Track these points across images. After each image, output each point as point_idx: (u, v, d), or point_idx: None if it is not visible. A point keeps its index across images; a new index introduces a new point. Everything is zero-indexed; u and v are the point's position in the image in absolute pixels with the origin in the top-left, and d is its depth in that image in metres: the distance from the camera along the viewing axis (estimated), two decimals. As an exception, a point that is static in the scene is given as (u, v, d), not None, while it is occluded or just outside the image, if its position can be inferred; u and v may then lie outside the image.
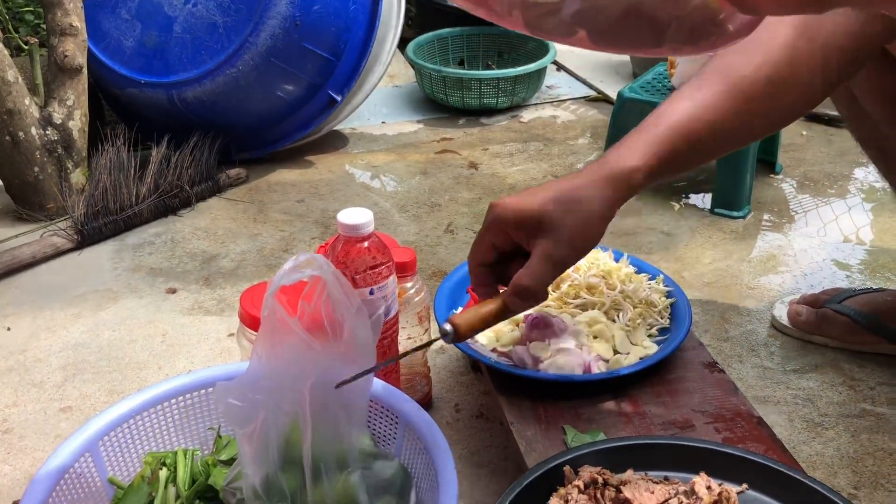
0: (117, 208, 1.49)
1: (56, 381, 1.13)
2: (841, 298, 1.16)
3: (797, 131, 1.85)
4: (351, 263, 0.84)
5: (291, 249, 1.46)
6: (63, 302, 1.31)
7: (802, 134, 1.85)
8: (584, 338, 0.95)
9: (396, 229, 1.51)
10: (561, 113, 2.03)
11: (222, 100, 1.64)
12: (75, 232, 1.46)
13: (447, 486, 0.74)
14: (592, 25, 0.47)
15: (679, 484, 0.76)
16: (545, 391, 0.92)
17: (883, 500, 0.91)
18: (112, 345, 1.21)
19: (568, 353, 0.92)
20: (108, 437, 0.82)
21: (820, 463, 0.97)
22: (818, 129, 1.87)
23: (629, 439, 0.81)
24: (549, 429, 0.88)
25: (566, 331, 0.95)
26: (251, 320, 0.93)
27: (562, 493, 0.74)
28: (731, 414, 0.89)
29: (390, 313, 0.89)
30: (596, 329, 0.97)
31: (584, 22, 0.47)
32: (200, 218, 1.58)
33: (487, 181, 1.69)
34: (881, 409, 1.05)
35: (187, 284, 1.36)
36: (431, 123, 2.00)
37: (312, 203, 1.62)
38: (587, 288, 1.02)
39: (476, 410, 1.05)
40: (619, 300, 1.01)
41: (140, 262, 1.43)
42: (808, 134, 1.85)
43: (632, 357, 0.94)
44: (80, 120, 1.56)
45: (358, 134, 1.94)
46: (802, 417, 1.04)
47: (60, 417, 1.06)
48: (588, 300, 1.01)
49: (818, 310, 1.16)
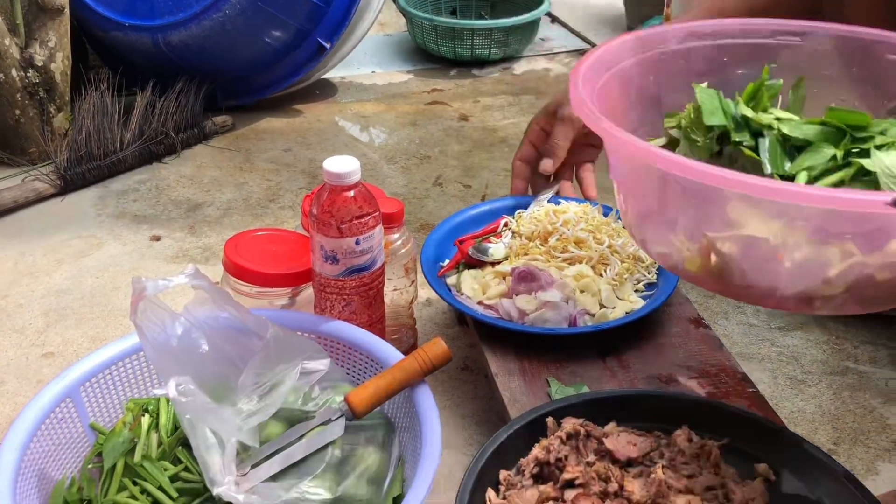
0: (101, 154, 1.47)
1: (38, 327, 1.12)
2: None
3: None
4: (336, 213, 0.83)
5: (278, 199, 1.44)
6: (45, 248, 1.30)
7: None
8: (570, 292, 0.95)
9: (385, 181, 1.50)
10: (554, 66, 2.01)
11: (209, 45, 1.60)
12: (58, 177, 1.44)
13: (431, 436, 0.74)
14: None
15: (661, 437, 0.76)
16: (530, 344, 0.92)
17: (862, 456, 0.92)
18: (95, 291, 1.20)
19: (554, 306, 0.92)
20: (89, 383, 0.81)
21: (801, 419, 0.97)
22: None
23: (612, 392, 0.81)
24: (534, 381, 0.88)
25: (552, 284, 0.94)
26: (236, 269, 0.92)
27: (544, 443, 0.74)
28: (716, 369, 0.89)
29: (376, 264, 0.88)
30: (583, 283, 0.96)
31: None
32: (186, 165, 1.55)
33: (478, 134, 1.67)
34: (864, 368, 1.05)
35: (172, 232, 1.34)
36: (422, 74, 1.97)
37: (300, 152, 1.60)
38: (575, 242, 1.02)
39: (461, 363, 1.05)
40: (606, 255, 1.00)
41: (124, 208, 1.41)
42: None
43: (618, 311, 0.94)
44: (63, 63, 1.52)
45: (347, 83, 1.91)
46: (786, 374, 1.04)
47: (42, 363, 1.06)
48: (576, 254, 1.01)
49: None
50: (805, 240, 0.57)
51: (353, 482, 0.74)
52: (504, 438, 0.74)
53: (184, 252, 1.29)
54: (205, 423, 0.72)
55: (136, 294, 0.72)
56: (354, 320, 0.89)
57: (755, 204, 0.57)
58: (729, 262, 0.61)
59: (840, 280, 0.58)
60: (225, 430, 0.73)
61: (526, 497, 0.69)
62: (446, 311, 1.15)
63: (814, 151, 0.64)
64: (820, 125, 0.66)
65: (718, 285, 0.64)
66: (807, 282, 0.59)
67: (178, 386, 0.72)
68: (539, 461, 0.73)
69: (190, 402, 0.72)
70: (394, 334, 1.02)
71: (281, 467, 0.75)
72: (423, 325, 1.11)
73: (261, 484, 0.73)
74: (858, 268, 0.57)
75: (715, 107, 0.67)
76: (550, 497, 0.69)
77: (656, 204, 0.65)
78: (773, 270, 0.59)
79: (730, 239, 0.59)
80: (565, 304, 0.93)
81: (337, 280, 0.86)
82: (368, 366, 0.86)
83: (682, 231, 0.63)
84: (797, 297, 0.60)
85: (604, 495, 0.68)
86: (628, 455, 0.73)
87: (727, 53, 0.78)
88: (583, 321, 0.93)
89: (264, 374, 0.77)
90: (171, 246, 1.31)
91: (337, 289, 0.87)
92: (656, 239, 0.67)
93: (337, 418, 0.77)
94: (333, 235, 0.83)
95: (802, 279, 0.59)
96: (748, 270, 0.61)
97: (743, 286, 0.62)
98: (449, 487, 0.87)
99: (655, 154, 0.58)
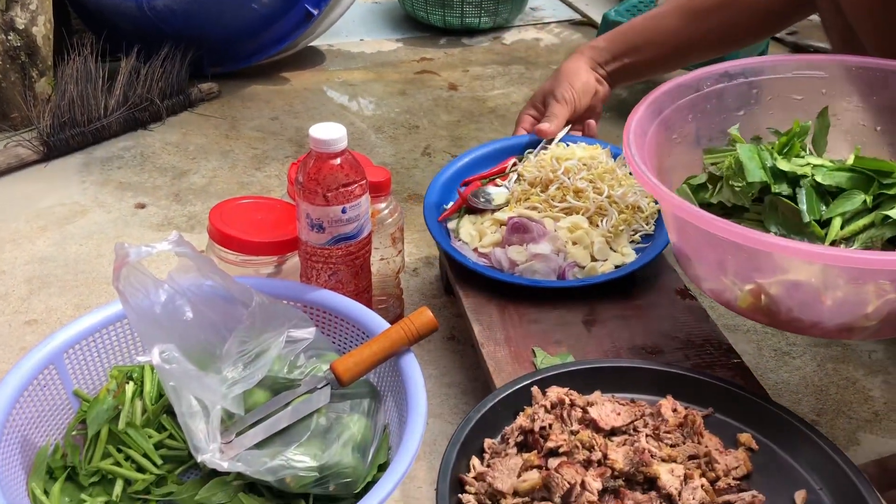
0: (85, 120, 1.45)
1: (21, 294, 1.11)
2: None
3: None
4: (322, 180, 0.82)
5: (264, 167, 1.43)
6: (29, 214, 1.28)
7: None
8: (562, 245, 0.95)
9: (372, 150, 1.48)
10: (544, 36, 1.99)
11: (194, 9, 1.57)
12: (41, 143, 1.42)
13: (416, 405, 0.74)
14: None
15: (645, 406, 0.76)
16: (518, 296, 0.92)
17: (844, 427, 0.93)
18: (79, 259, 1.19)
19: (544, 258, 0.93)
20: (73, 350, 0.81)
21: (785, 390, 0.98)
22: (780, 50, 1.84)
23: (597, 362, 0.81)
24: (519, 351, 0.88)
25: (545, 236, 0.95)
26: (221, 237, 0.92)
27: (529, 412, 0.75)
28: (701, 340, 0.89)
29: (363, 233, 0.87)
30: (576, 235, 0.96)
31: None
32: (171, 133, 1.53)
33: (467, 104, 1.66)
34: (847, 340, 1.06)
35: (157, 200, 1.33)
36: (411, 42, 1.94)
37: (287, 120, 1.58)
38: (574, 192, 1.01)
39: (448, 332, 1.05)
40: (604, 205, 0.99)
41: (109, 176, 1.40)
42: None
43: (608, 265, 0.94)
44: (45, 26, 1.49)
45: (335, 51, 1.89)
46: (771, 346, 1.05)
47: (26, 330, 1.05)
48: (573, 205, 1.00)
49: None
50: (843, 282, 0.65)
51: (338, 450, 0.74)
52: (489, 407, 0.74)
53: (169, 220, 1.28)
54: (189, 391, 0.72)
55: (119, 260, 0.71)
56: (341, 289, 0.88)
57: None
58: (777, 301, 0.68)
59: (876, 314, 0.66)
60: (209, 397, 0.73)
61: (510, 465, 0.69)
62: (433, 281, 1.14)
63: (845, 198, 0.72)
64: (849, 171, 0.74)
65: (767, 319, 0.71)
66: (847, 316, 0.67)
67: (161, 353, 0.72)
68: (523, 429, 0.73)
69: (174, 369, 0.72)
70: (381, 304, 1.02)
71: (266, 435, 0.75)
72: (410, 295, 1.10)
73: (245, 451, 0.73)
74: (892, 303, 0.65)
75: (755, 164, 0.75)
76: (534, 465, 0.69)
77: (708, 251, 0.73)
78: (816, 308, 0.67)
79: (776, 283, 0.67)
80: (555, 256, 0.94)
81: (323, 249, 0.86)
82: (354, 335, 0.86)
83: (732, 274, 0.70)
84: (839, 328, 0.68)
85: (587, 463, 0.68)
86: (612, 424, 0.73)
87: (757, 88, 0.87)
88: (572, 274, 0.93)
89: (249, 342, 0.77)
90: (156, 214, 1.29)
91: (323, 257, 0.87)
92: (709, 278, 0.74)
93: (322, 386, 0.76)
94: (319, 203, 0.83)
95: (842, 315, 0.67)
96: (794, 308, 0.68)
97: (789, 320, 0.69)
98: (434, 455, 0.87)
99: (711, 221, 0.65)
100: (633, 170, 0.73)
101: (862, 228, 0.71)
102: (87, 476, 0.76)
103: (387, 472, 0.68)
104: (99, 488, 0.76)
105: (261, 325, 0.77)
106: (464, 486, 0.69)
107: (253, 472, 0.71)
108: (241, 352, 0.76)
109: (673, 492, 0.66)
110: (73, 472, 0.76)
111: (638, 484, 0.68)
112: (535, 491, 0.67)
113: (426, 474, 0.85)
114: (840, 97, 0.86)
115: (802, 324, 0.70)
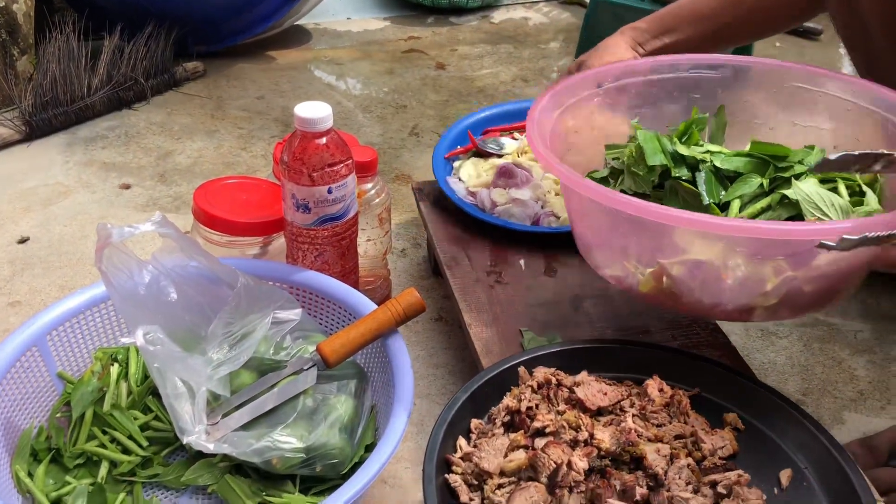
0: (68, 99, 1.43)
1: (4, 276, 1.10)
2: None
3: (771, 42, 1.82)
4: (308, 160, 0.81)
5: (250, 147, 1.41)
6: (12, 195, 1.27)
7: (776, 45, 1.82)
8: (542, 193, 0.97)
9: (360, 130, 1.47)
10: (533, 15, 1.97)
11: (178, -13, 1.56)
12: (23, 123, 1.40)
13: (403, 385, 0.74)
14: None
15: (632, 386, 0.76)
16: (508, 276, 0.94)
17: (829, 406, 0.94)
18: (63, 240, 1.17)
19: (522, 203, 0.96)
20: (56, 332, 0.80)
21: (772, 370, 0.99)
22: (792, 41, 1.84)
23: (584, 342, 0.81)
24: (506, 331, 0.87)
25: (528, 183, 0.98)
26: (206, 217, 0.91)
27: (515, 392, 0.74)
28: (688, 321, 0.89)
29: (349, 213, 0.86)
30: (560, 187, 0.98)
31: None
32: (156, 112, 1.52)
33: (455, 83, 1.65)
34: (834, 320, 1.06)
35: (142, 180, 1.32)
36: (399, 21, 1.93)
37: (273, 100, 1.57)
38: None
39: (435, 313, 1.05)
40: None
41: (92, 156, 1.38)
42: (781, 45, 1.82)
43: None
44: (26, 3, 1.47)
45: (322, 29, 1.87)
46: (757, 326, 1.05)
47: (9, 312, 1.04)
48: None
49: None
50: (743, 261, 0.66)
51: (324, 431, 0.73)
52: (476, 387, 0.74)
53: (154, 201, 1.27)
54: (174, 372, 0.72)
55: (102, 240, 0.71)
56: (327, 270, 0.88)
57: (700, 234, 0.66)
58: (679, 283, 0.69)
59: (775, 292, 0.67)
60: (195, 379, 0.72)
61: (496, 445, 0.69)
62: (421, 263, 1.14)
63: (743, 182, 0.74)
64: (747, 157, 0.76)
65: (670, 302, 0.72)
66: (746, 296, 0.69)
67: (146, 335, 0.71)
68: (510, 410, 0.73)
69: (158, 350, 0.71)
70: (368, 285, 1.01)
71: (252, 416, 0.74)
72: (397, 277, 1.10)
73: (231, 433, 0.72)
74: (789, 281, 0.67)
75: (655, 148, 0.76)
76: (521, 445, 0.69)
77: (609, 234, 0.74)
78: (717, 288, 0.69)
79: (679, 263, 0.68)
80: (534, 203, 0.96)
81: (309, 229, 0.85)
82: (341, 316, 0.86)
83: (635, 258, 0.72)
84: (739, 309, 0.70)
85: (574, 443, 0.68)
86: (599, 404, 0.73)
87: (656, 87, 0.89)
88: (546, 222, 0.96)
89: (235, 324, 0.76)
90: (140, 194, 1.28)
91: (309, 238, 0.86)
92: (611, 264, 0.75)
93: (309, 368, 0.76)
94: (305, 184, 0.82)
95: (742, 294, 0.69)
96: (696, 289, 0.70)
97: (691, 302, 0.71)
98: (421, 436, 0.87)
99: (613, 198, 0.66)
100: (536, 154, 0.73)
101: (760, 211, 0.72)
102: (71, 458, 0.75)
103: (373, 452, 0.68)
104: (84, 470, 0.75)
105: (246, 307, 0.77)
106: (450, 466, 0.69)
107: (239, 453, 0.70)
108: (226, 333, 0.76)
109: (659, 471, 0.66)
110: (57, 454, 0.76)
111: (624, 463, 0.68)
112: (522, 471, 0.67)
113: (413, 455, 0.85)
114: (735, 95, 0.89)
115: (703, 306, 0.71)
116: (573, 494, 0.64)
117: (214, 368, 0.74)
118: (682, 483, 0.66)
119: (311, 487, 0.75)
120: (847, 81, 0.82)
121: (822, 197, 0.68)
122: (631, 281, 0.73)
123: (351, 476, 0.66)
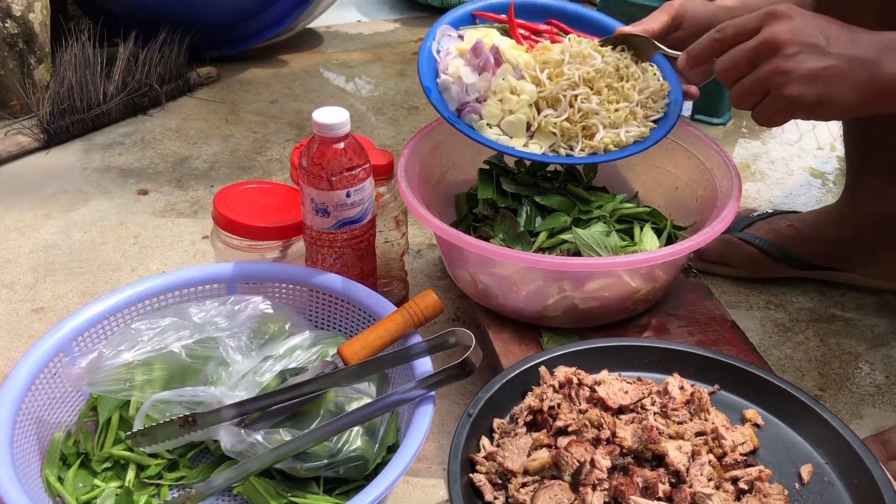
0: (84, 107, 1.44)
1: (27, 282, 1.12)
2: (741, 226, 1.11)
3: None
4: (327, 165, 0.82)
5: (265, 151, 1.43)
6: (32, 202, 1.28)
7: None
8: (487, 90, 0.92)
9: (373, 132, 1.48)
10: (542, 14, 1.98)
11: (191, -7, 1.57)
12: (41, 130, 1.41)
13: (424, 386, 0.75)
14: None
15: (652, 384, 0.77)
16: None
17: (847, 401, 0.94)
18: (84, 246, 1.19)
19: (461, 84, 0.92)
20: (81, 338, 0.81)
21: (789, 366, 0.99)
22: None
23: (603, 341, 0.82)
24: (525, 331, 0.88)
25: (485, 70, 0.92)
26: (226, 222, 0.92)
27: (537, 392, 0.75)
28: (705, 318, 0.90)
29: (367, 216, 0.87)
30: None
31: None
32: (171, 118, 1.53)
33: (466, 84, 1.65)
34: (850, 315, 1.07)
35: (159, 186, 1.33)
36: (409, 23, 1.93)
37: (286, 104, 1.58)
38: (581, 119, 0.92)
39: (452, 313, 1.06)
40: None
41: (110, 162, 1.39)
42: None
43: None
44: (41, 12, 1.48)
45: (333, 32, 1.88)
46: (774, 322, 1.05)
47: (33, 318, 1.05)
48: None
49: (722, 236, 1.05)
50: (536, 279, 0.85)
51: (347, 433, 0.74)
52: (498, 387, 0.75)
53: (171, 206, 1.28)
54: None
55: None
56: (346, 273, 0.89)
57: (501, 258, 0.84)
58: (486, 288, 0.89)
59: (555, 307, 0.86)
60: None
61: (520, 444, 0.70)
62: (437, 263, 1.15)
63: (554, 217, 0.93)
64: (560, 196, 0.95)
65: (486, 301, 0.91)
66: (536, 306, 0.87)
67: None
68: (532, 409, 0.74)
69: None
70: (385, 286, 1.02)
71: (275, 420, 0.75)
72: (413, 277, 1.11)
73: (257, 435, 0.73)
74: (568, 299, 0.85)
75: (487, 184, 0.97)
76: (544, 444, 0.69)
77: (455, 254, 0.93)
78: (515, 297, 0.87)
79: (484, 274, 0.88)
80: (469, 90, 0.91)
81: (328, 233, 0.86)
82: (361, 318, 0.87)
83: (465, 269, 0.91)
84: (533, 315, 0.88)
85: (596, 442, 0.69)
86: (620, 402, 0.74)
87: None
88: (468, 119, 0.91)
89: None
90: (158, 200, 1.29)
91: (328, 241, 0.87)
92: (456, 271, 0.94)
93: (330, 371, 0.77)
94: (324, 188, 0.83)
95: (533, 304, 0.87)
96: (500, 295, 0.89)
97: (499, 304, 0.90)
98: (443, 436, 0.88)
99: (449, 233, 0.85)
100: (407, 203, 0.88)
101: (560, 241, 0.90)
102: (99, 462, 0.77)
103: (396, 453, 0.69)
104: (111, 474, 0.77)
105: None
106: (475, 465, 0.70)
107: (270, 452, 0.71)
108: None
109: (681, 468, 0.67)
110: (86, 458, 0.77)
111: (646, 461, 0.69)
112: (546, 469, 0.68)
113: (436, 454, 0.86)
114: None
115: (510, 308, 0.89)
116: (597, 492, 0.65)
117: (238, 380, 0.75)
118: (703, 479, 0.67)
119: (335, 488, 0.76)
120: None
121: (596, 240, 0.88)
122: (466, 282, 0.92)
123: (374, 477, 0.67)
